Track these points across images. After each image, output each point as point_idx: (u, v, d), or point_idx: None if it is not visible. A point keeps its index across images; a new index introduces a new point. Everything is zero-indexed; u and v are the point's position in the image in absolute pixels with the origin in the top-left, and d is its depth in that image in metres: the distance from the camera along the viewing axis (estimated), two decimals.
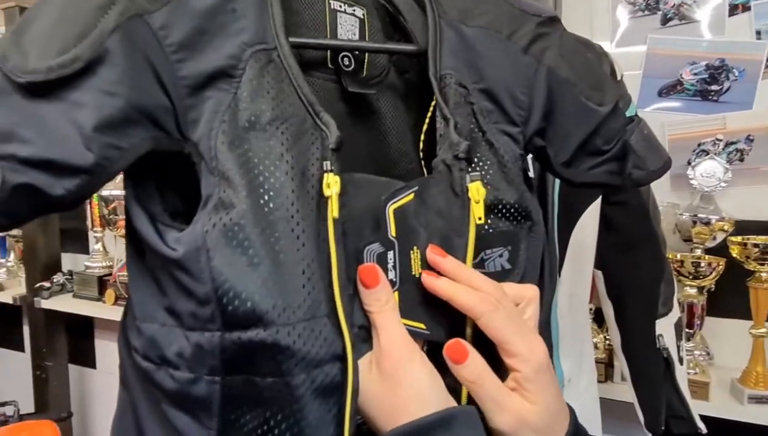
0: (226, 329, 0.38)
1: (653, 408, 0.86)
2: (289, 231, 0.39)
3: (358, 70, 0.52)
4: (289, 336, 0.38)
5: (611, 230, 0.87)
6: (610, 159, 0.53)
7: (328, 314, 0.39)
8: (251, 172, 0.39)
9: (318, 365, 0.39)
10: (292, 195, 0.39)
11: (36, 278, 1.82)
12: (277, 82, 0.42)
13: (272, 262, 0.38)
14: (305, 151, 0.42)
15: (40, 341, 1.88)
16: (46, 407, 1.88)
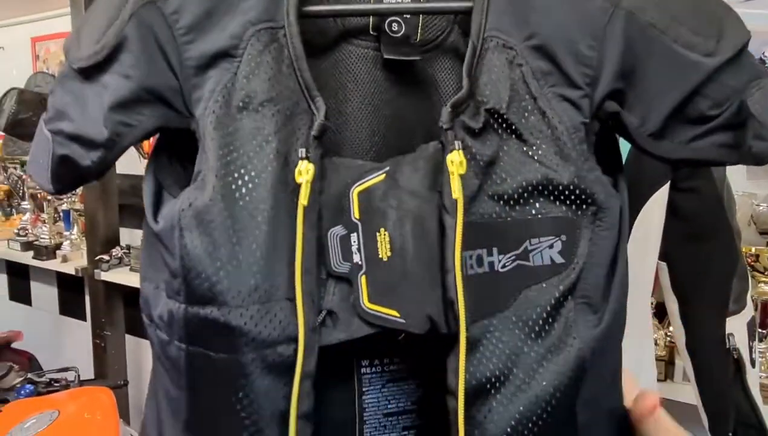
0: (188, 303, 0.40)
1: (719, 413, 0.80)
2: (254, 217, 0.40)
3: (410, 35, 0.48)
4: (241, 317, 0.39)
5: (680, 219, 0.80)
6: (722, 127, 0.42)
7: (289, 297, 0.40)
8: (230, 154, 0.41)
9: (270, 345, 0.40)
10: (269, 181, 0.40)
11: (96, 251, 1.90)
12: (277, 63, 0.43)
13: (232, 247, 0.40)
14: (292, 134, 0.42)
15: (100, 312, 1.96)
16: (104, 374, 1.97)
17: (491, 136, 0.43)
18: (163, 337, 0.43)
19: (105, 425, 1.38)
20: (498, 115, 0.43)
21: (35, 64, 2.33)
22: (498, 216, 0.42)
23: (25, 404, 1.46)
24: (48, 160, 0.46)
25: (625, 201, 0.46)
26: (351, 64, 0.48)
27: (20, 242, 2.13)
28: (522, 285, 0.42)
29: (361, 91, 0.48)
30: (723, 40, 0.42)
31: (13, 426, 1.32)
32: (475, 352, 0.41)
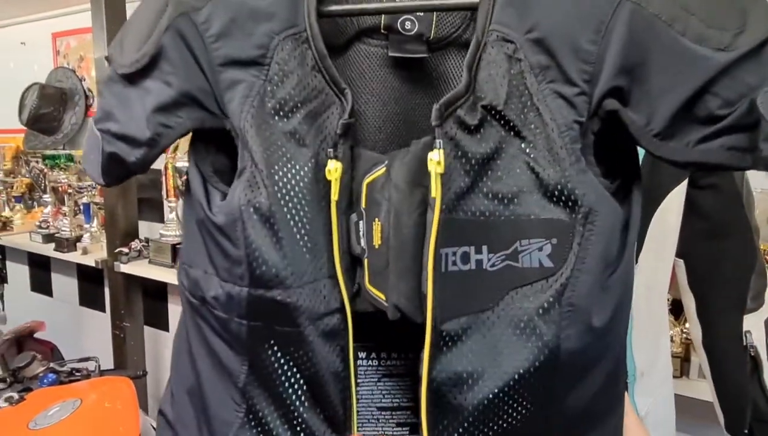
0: (252, 287, 0.46)
1: (736, 410, 0.80)
2: (300, 211, 0.45)
3: (424, 33, 0.49)
4: (300, 297, 0.45)
5: (698, 216, 0.80)
6: (732, 128, 0.39)
7: (330, 275, 0.46)
8: (272, 157, 0.45)
9: (320, 317, 0.46)
10: (307, 179, 0.45)
11: (116, 244, 1.93)
12: (302, 67, 0.46)
13: (290, 238, 0.45)
14: (321, 131, 0.46)
15: (119, 303, 1.99)
16: (124, 364, 2.00)
17: (490, 133, 0.42)
18: (221, 315, 0.48)
19: (125, 414, 1.41)
20: (495, 112, 0.42)
21: (56, 59, 2.37)
22: (491, 214, 0.42)
23: (48, 393, 1.49)
24: (98, 157, 0.51)
25: (634, 205, 0.45)
26: (362, 63, 0.50)
27: (42, 234, 2.17)
28: (509, 286, 0.42)
29: (370, 88, 0.50)
30: (744, 32, 0.38)
31: (38, 413, 1.36)
32: (451, 346, 0.43)
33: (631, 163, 0.46)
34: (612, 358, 0.47)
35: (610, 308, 0.43)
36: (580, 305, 0.41)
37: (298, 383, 0.47)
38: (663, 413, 0.83)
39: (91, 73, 2.23)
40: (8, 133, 2.52)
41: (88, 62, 2.25)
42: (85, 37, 2.24)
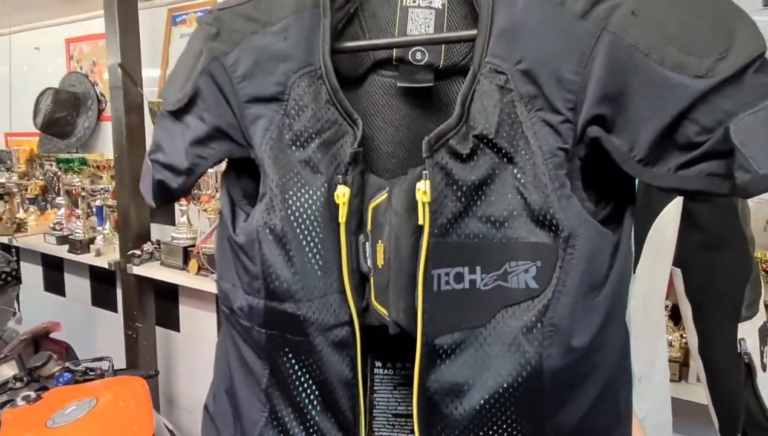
0: (267, 299, 0.51)
1: (729, 415, 0.83)
2: (312, 232, 0.50)
3: (434, 62, 0.52)
4: (309, 310, 0.50)
5: (694, 227, 0.83)
6: (710, 155, 0.39)
7: (340, 291, 0.50)
8: (288, 183, 0.50)
9: (330, 329, 0.50)
10: (319, 202, 0.50)
11: (128, 246, 1.97)
12: (317, 102, 0.50)
13: (300, 256, 0.50)
14: (334, 159, 0.50)
15: (132, 304, 2.04)
16: (136, 364, 2.04)
17: (483, 160, 0.45)
18: (245, 323, 0.54)
19: (139, 413, 1.45)
20: (487, 140, 0.45)
21: (69, 64, 2.41)
22: (485, 236, 0.45)
23: (64, 392, 1.54)
24: (150, 183, 0.58)
25: (626, 226, 0.46)
26: (377, 93, 0.54)
27: (56, 236, 2.22)
28: (500, 305, 0.45)
29: (384, 117, 0.54)
30: (726, 57, 0.38)
31: (55, 412, 1.40)
32: (445, 359, 0.46)
33: (625, 187, 0.47)
34: (605, 373, 0.48)
35: (594, 328, 0.45)
36: (561, 326, 0.43)
37: (310, 388, 0.52)
38: (661, 415, 0.86)
39: (104, 78, 2.27)
40: (22, 136, 2.57)
41: (101, 67, 2.29)
42: (97, 42, 2.28)
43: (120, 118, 1.92)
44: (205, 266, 1.77)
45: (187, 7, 1.96)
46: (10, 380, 1.63)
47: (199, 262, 1.80)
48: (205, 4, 1.91)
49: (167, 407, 2.23)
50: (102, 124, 2.31)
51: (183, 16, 1.97)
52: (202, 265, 1.79)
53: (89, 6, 2.10)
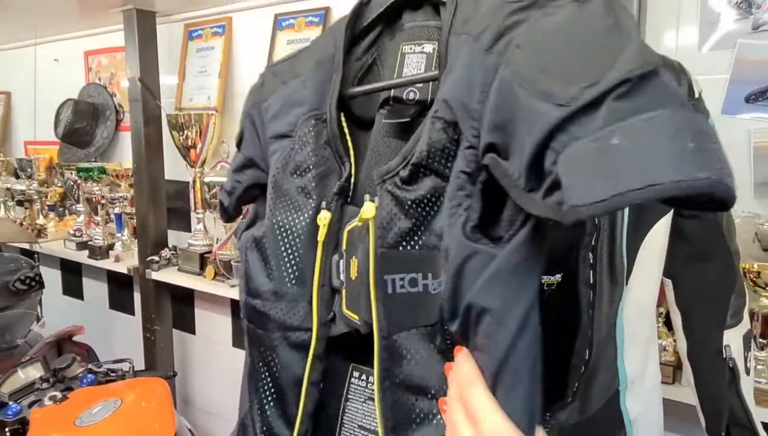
0: (246, 295, 0.64)
1: (714, 414, 0.89)
2: (293, 246, 0.60)
3: (425, 98, 0.60)
4: (274, 309, 0.61)
5: (682, 241, 0.89)
6: (555, 184, 0.36)
7: (309, 301, 0.60)
8: (279, 201, 0.62)
9: (291, 329, 0.61)
10: (306, 222, 0.60)
11: (147, 252, 2.05)
12: (317, 140, 0.61)
13: (278, 264, 0.61)
14: (325, 189, 0.61)
15: (150, 308, 2.11)
16: (154, 365, 2.12)
17: (425, 183, 0.52)
18: (242, 314, 0.66)
19: (161, 413, 1.52)
20: (422, 166, 0.52)
21: (87, 75, 2.49)
22: (434, 247, 0.52)
23: (89, 392, 1.61)
24: (221, 203, 0.74)
25: (533, 245, 0.42)
26: (376, 130, 0.63)
27: (75, 242, 2.30)
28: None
29: (378, 149, 0.63)
30: (594, 85, 0.35)
31: (82, 412, 1.48)
32: (405, 354, 0.53)
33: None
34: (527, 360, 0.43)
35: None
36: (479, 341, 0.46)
37: (269, 383, 0.63)
38: (652, 416, 0.92)
39: (121, 88, 2.36)
40: (42, 144, 2.66)
41: (119, 79, 2.38)
42: (115, 55, 2.36)
43: (139, 129, 2.00)
44: (222, 271, 1.84)
45: (202, 23, 2.04)
46: (36, 381, 1.70)
47: (215, 268, 1.87)
48: (220, 21, 1.99)
49: (183, 407, 2.31)
50: (120, 133, 2.39)
51: (199, 31, 2.05)
52: (218, 271, 1.86)
53: (108, 20, 2.17)
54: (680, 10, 1.24)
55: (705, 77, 0.75)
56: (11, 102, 2.90)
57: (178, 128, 1.91)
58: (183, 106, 2.08)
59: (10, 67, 2.83)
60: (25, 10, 2.12)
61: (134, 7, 1.94)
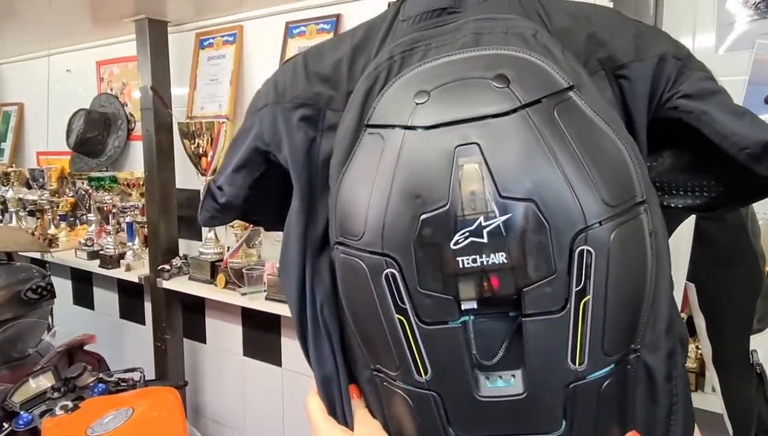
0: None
1: (742, 421, 0.86)
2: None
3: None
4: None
5: (705, 244, 0.87)
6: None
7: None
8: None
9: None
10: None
11: (158, 261, 2.05)
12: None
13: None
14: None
15: (161, 317, 2.11)
16: (165, 375, 2.11)
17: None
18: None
19: (172, 422, 1.51)
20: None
21: (99, 85, 2.51)
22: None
23: (100, 401, 1.60)
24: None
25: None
26: None
27: (87, 251, 2.30)
28: None
29: None
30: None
31: (94, 421, 1.47)
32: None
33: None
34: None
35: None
36: None
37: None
38: None
39: (133, 98, 2.37)
40: (54, 154, 2.68)
41: (130, 88, 2.39)
42: (126, 65, 2.38)
43: (150, 137, 2.01)
44: (233, 280, 1.84)
45: (213, 32, 2.05)
46: (47, 390, 1.69)
47: (226, 276, 1.87)
48: (231, 29, 2.00)
49: (194, 417, 2.29)
50: (131, 143, 2.40)
51: (210, 40, 2.06)
52: (229, 279, 1.86)
53: (120, 31, 2.19)
54: (696, 12, 1.22)
55: (723, 79, 0.76)
56: (24, 113, 2.92)
57: (189, 136, 1.91)
58: (194, 114, 2.08)
59: (23, 79, 2.86)
60: (38, 23, 2.15)
61: (146, 17, 1.95)
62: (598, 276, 0.42)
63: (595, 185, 0.42)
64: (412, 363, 0.45)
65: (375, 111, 0.48)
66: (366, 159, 0.47)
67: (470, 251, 0.42)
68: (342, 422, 0.53)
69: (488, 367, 0.45)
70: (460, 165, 0.43)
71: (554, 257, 0.42)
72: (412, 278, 0.43)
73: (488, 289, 0.43)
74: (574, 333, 0.43)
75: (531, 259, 0.42)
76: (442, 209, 0.42)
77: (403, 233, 0.43)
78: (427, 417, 0.46)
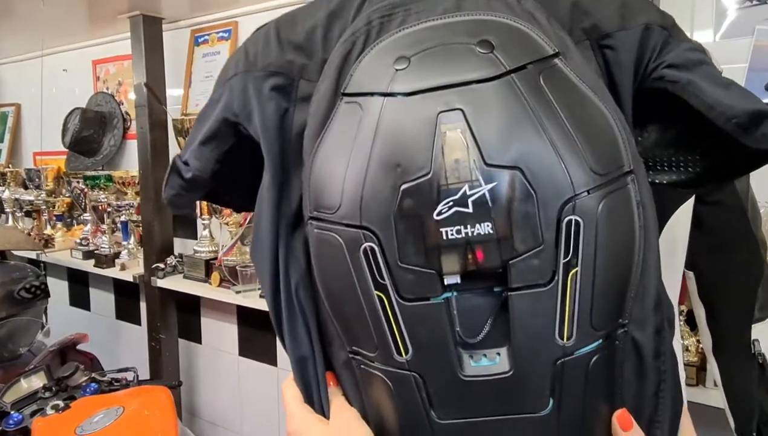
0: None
1: (744, 414, 0.84)
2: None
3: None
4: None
5: (704, 231, 0.84)
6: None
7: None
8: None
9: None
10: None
11: (152, 260, 2.03)
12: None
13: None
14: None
15: (155, 316, 2.09)
16: (159, 375, 2.09)
17: None
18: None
19: (164, 422, 1.48)
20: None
21: (96, 84, 2.50)
22: None
23: (91, 401, 1.58)
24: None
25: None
26: None
27: (82, 251, 2.28)
28: None
29: None
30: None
31: (84, 420, 1.44)
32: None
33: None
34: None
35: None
36: None
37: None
38: None
39: (129, 97, 2.36)
40: (50, 155, 2.67)
41: (126, 87, 2.38)
42: (123, 63, 2.37)
43: (145, 135, 1.99)
44: (227, 278, 1.81)
45: (208, 28, 2.04)
46: (39, 390, 1.67)
47: (221, 274, 1.84)
48: (226, 26, 1.98)
49: (189, 418, 2.26)
50: (127, 142, 2.39)
51: (205, 37, 2.05)
52: (224, 277, 1.83)
53: (115, 29, 2.18)
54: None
55: (722, 67, 0.75)
56: (21, 113, 2.91)
57: (184, 133, 1.89)
58: (189, 111, 2.07)
59: (20, 79, 2.86)
60: (33, 21, 2.14)
61: (141, 13, 1.94)
62: (586, 247, 0.40)
63: (582, 154, 0.41)
64: (391, 343, 0.43)
65: (352, 79, 0.45)
66: (342, 129, 0.44)
67: (454, 222, 0.40)
68: (318, 408, 0.50)
69: (472, 345, 0.43)
70: (443, 132, 0.40)
71: (541, 227, 0.40)
72: (392, 252, 0.41)
73: (473, 262, 0.41)
74: (561, 306, 0.41)
75: (517, 229, 0.40)
76: (424, 178, 0.40)
77: (383, 204, 0.41)
78: (407, 400, 0.44)
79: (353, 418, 0.47)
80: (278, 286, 0.51)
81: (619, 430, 0.44)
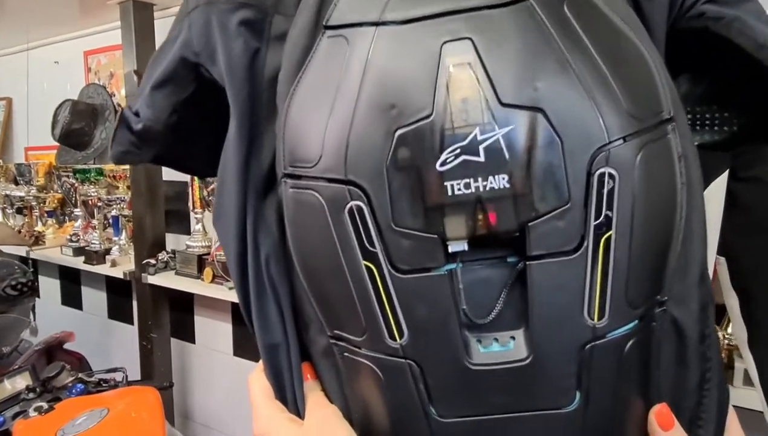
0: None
1: None
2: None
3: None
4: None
5: (739, 211, 0.76)
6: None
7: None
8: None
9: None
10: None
11: (144, 255, 1.95)
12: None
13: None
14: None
15: (147, 315, 2.01)
16: (151, 375, 2.01)
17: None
18: None
19: (151, 424, 1.40)
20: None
21: (87, 76, 2.43)
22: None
23: (76, 402, 1.50)
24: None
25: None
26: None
27: (72, 247, 2.21)
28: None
29: None
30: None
31: (66, 422, 1.36)
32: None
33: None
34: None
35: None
36: None
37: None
38: None
39: (121, 91, 2.28)
40: (42, 150, 2.60)
41: (118, 78, 2.30)
42: (115, 54, 2.29)
43: None
44: (220, 273, 1.74)
45: None
46: (23, 391, 1.60)
47: (214, 270, 1.77)
48: None
49: (182, 421, 2.18)
50: None
51: None
52: (217, 272, 1.76)
53: (106, 18, 2.12)
54: None
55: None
56: (12, 108, 2.84)
57: None
58: None
59: (10, 73, 2.78)
60: (22, 12, 2.08)
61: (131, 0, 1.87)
62: (622, 206, 0.32)
63: (618, 93, 0.33)
64: (383, 324, 0.34)
65: (336, 8, 0.37)
66: (325, 67, 0.36)
67: (461, 174, 0.32)
68: (291, 405, 0.42)
69: (481, 327, 0.34)
70: (447, 65, 0.32)
71: (568, 181, 0.32)
72: (384, 213, 0.33)
73: (483, 224, 0.32)
74: (591, 279, 0.33)
75: (538, 184, 0.32)
76: (425, 121, 0.32)
77: (373, 154, 0.32)
78: (401, 394, 0.35)
79: (332, 416, 0.39)
80: (246, 260, 0.42)
81: (657, 429, 0.36)
